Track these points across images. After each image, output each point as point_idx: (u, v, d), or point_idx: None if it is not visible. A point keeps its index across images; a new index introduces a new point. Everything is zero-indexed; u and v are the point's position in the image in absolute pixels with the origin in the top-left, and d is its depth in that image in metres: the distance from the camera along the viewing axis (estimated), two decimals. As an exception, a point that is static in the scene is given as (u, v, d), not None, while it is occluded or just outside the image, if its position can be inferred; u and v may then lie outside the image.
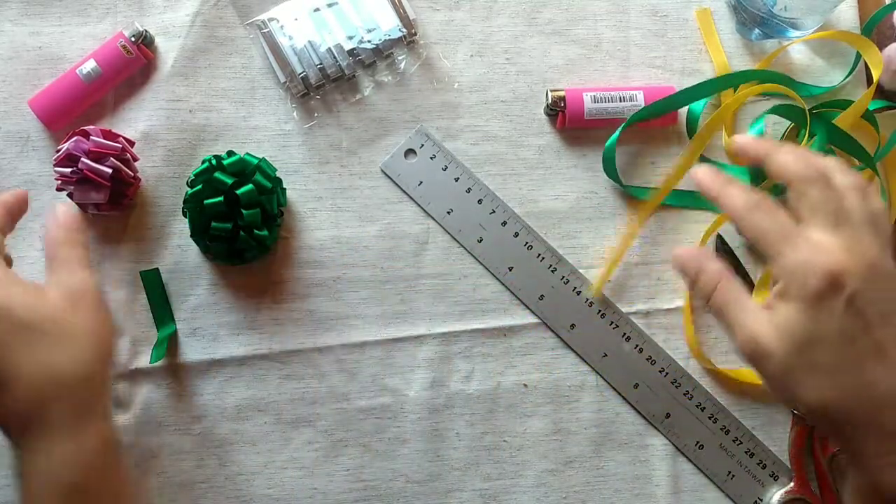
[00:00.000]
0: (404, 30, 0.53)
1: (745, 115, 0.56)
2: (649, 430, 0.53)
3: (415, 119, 0.54)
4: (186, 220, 0.50)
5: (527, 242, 0.53)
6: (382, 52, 0.53)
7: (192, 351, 0.51)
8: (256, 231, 0.48)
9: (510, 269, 0.53)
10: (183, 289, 0.52)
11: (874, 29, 0.55)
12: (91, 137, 0.48)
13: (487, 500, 0.51)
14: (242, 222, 0.48)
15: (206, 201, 0.47)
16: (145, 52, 0.52)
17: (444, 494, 0.51)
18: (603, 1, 0.56)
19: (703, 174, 0.40)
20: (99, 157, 0.47)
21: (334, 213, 0.53)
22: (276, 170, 0.51)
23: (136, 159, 0.51)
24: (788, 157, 0.37)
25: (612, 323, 0.53)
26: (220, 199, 0.47)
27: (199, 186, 0.48)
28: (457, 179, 0.54)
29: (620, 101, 0.53)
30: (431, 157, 0.54)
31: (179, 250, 0.52)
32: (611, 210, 0.54)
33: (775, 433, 0.53)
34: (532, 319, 0.53)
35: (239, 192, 0.47)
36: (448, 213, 0.53)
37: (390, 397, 0.52)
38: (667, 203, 0.54)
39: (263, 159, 0.50)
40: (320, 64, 0.52)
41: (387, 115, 0.54)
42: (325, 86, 0.54)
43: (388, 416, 0.52)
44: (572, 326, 0.53)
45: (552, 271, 0.53)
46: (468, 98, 0.54)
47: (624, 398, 0.53)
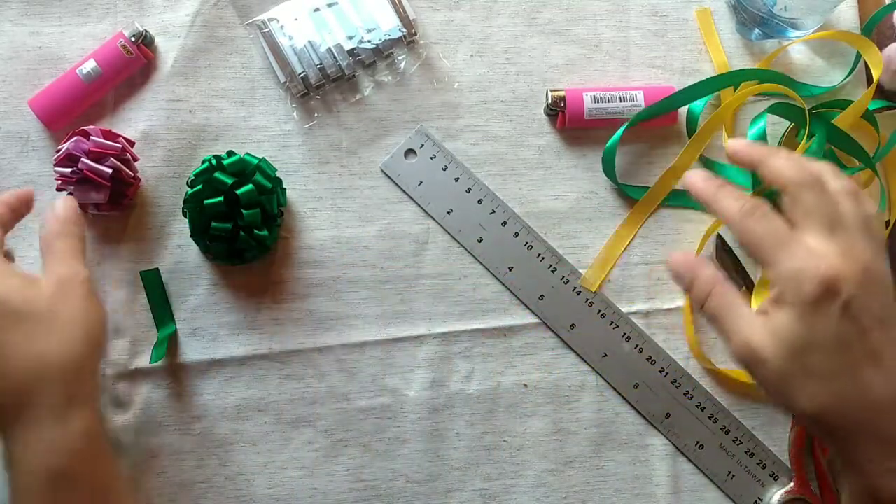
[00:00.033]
0: (404, 30, 0.53)
1: (745, 115, 0.56)
2: (649, 430, 0.53)
3: (415, 119, 0.54)
4: (186, 220, 0.50)
5: (527, 242, 0.53)
6: (382, 52, 0.53)
7: (192, 351, 0.51)
8: (256, 231, 0.48)
9: (510, 269, 0.53)
10: (183, 289, 0.52)
11: (874, 29, 0.55)
12: (91, 137, 0.48)
13: (487, 500, 0.51)
14: (242, 222, 0.48)
15: (206, 201, 0.47)
16: (145, 52, 0.52)
17: (444, 494, 0.51)
18: (603, 1, 0.56)
19: (696, 179, 0.39)
20: (99, 157, 0.47)
21: (334, 213, 0.53)
22: (276, 170, 0.51)
23: (136, 159, 0.51)
24: (782, 162, 0.37)
25: (612, 323, 0.53)
26: (220, 199, 0.47)
27: (199, 186, 0.48)
28: (457, 179, 0.54)
29: (620, 101, 0.53)
30: (431, 157, 0.54)
31: (179, 250, 0.52)
32: (611, 210, 0.54)
33: (775, 433, 0.53)
34: (532, 319, 0.53)
35: (239, 192, 0.47)
36: (448, 213, 0.53)
37: (390, 397, 0.52)
38: (666, 203, 0.54)
39: (263, 159, 0.50)
40: (320, 64, 0.52)
41: (387, 115, 0.54)
42: (325, 86, 0.54)
43: (388, 416, 0.52)
44: (572, 326, 0.53)
45: (552, 271, 0.53)
46: (468, 98, 0.54)
47: (624, 398, 0.53)
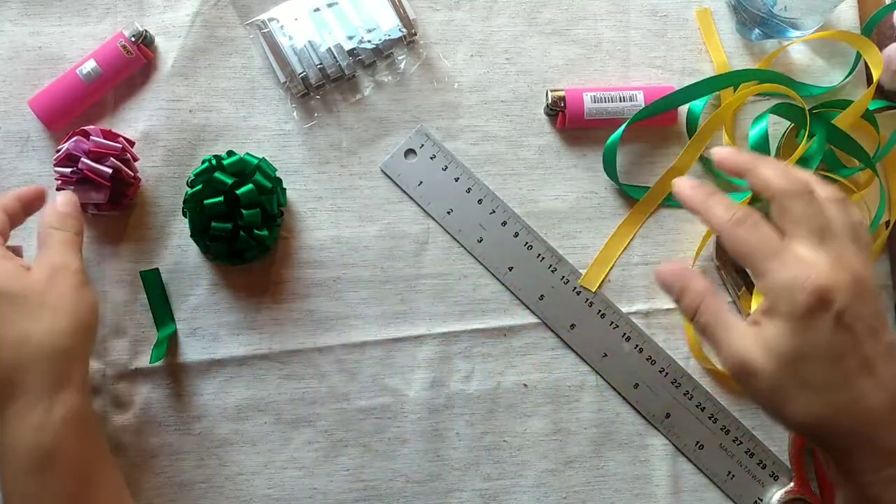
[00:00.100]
0: (404, 30, 0.53)
1: (745, 115, 0.56)
2: (649, 430, 0.53)
3: (415, 119, 0.54)
4: (186, 220, 0.50)
5: (527, 242, 0.53)
6: (382, 52, 0.53)
7: (192, 351, 0.51)
8: (256, 231, 0.48)
9: (510, 269, 0.53)
10: (183, 289, 0.52)
11: (874, 29, 0.55)
12: (91, 137, 0.48)
13: (487, 500, 0.51)
14: (242, 222, 0.48)
15: (206, 201, 0.47)
16: (145, 52, 0.52)
17: (444, 494, 0.51)
18: (603, 1, 0.56)
19: (684, 187, 0.39)
20: (99, 157, 0.47)
21: (334, 213, 0.53)
22: (276, 170, 0.51)
23: (136, 159, 0.51)
24: (770, 172, 0.37)
25: (612, 323, 0.53)
26: (220, 199, 0.47)
27: (199, 186, 0.48)
28: (457, 179, 0.54)
29: (620, 101, 0.53)
30: (431, 157, 0.54)
31: (179, 250, 0.52)
32: (611, 210, 0.54)
33: (775, 433, 0.53)
34: (532, 319, 0.53)
35: (239, 192, 0.47)
36: (448, 213, 0.53)
37: (390, 397, 0.52)
38: (666, 203, 0.54)
39: (263, 159, 0.50)
40: (320, 64, 0.52)
41: (387, 115, 0.54)
42: (325, 86, 0.54)
43: (388, 416, 0.52)
44: (572, 326, 0.53)
45: (552, 271, 0.53)
46: (468, 98, 0.54)
47: (624, 398, 0.53)
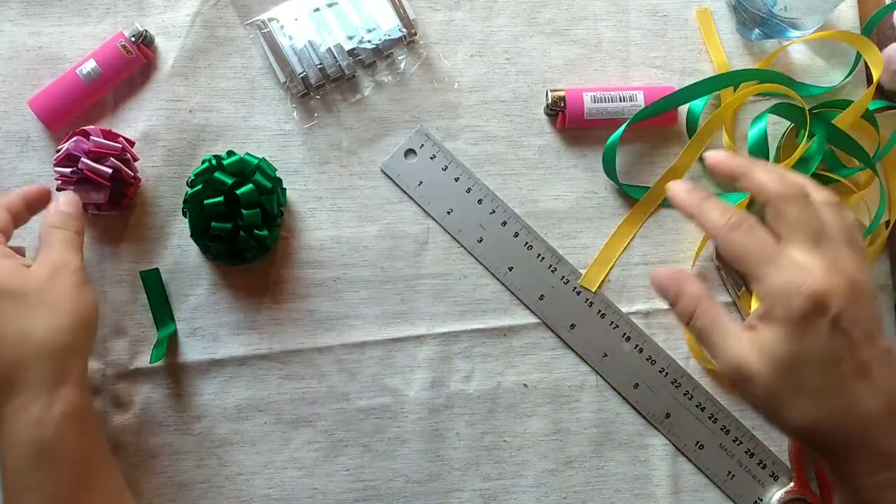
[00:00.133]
0: (404, 30, 0.53)
1: (745, 115, 0.56)
2: (649, 430, 0.53)
3: (415, 119, 0.54)
4: (186, 220, 0.50)
5: (527, 242, 0.53)
6: (382, 52, 0.53)
7: (192, 351, 0.51)
8: (256, 231, 0.48)
9: (510, 269, 0.53)
10: (183, 289, 0.52)
11: (874, 29, 0.55)
12: (91, 137, 0.48)
13: (487, 500, 0.51)
14: (242, 222, 0.48)
15: (206, 201, 0.47)
16: (145, 52, 0.52)
17: (444, 494, 0.51)
18: (603, 1, 0.56)
19: (678, 191, 0.39)
20: (99, 157, 0.47)
21: (334, 213, 0.53)
22: (276, 170, 0.51)
23: (136, 159, 0.51)
24: (764, 175, 0.36)
25: (612, 323, 0.53)
26: (220, 199, 0.47)
27: (199, 186, 0.48)
28: (457, 179, 0.54)
29: (620, 101, 0.53)
30: (431, 157, 0.54)
31: (179, 250, 0.52)
32: (611, 210, 0.54)
33: (775, 433, 0.53)
34: (532, 319, 0.53)
35: (239, 192, 0.47)
36: (448, 213, 0.53)
37: (390, 397, 0.52)
38: (666, 203, 0.54)
39: (263, 159, 0.50)
40: (320, 64, 0.52)
41: (387, 115, 0.54)
42: (325, 86, 0.54)
43: (388, 416, 0.52)
44: (572, 326, 0.53)
45: (552, 271, 0.53)
46: (468, 98, 0.54)
47: (624, 398, 0.53)
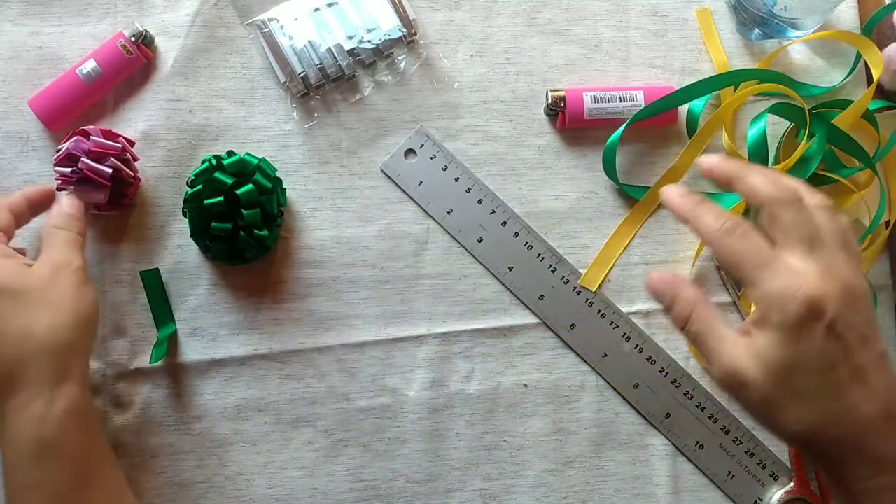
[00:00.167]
0: (404, 30, 0.53)
1: (745, 115, 0.56)
2: (649, 430, 0.53)
3: (415, 119, 0.54)
4: (186, 220, 0.50)
5: (527, 242, 0.53)
6: (382, 52, 0.53)
7: (192, 351, 0.51)
8: (256, 231, 0.48)
9: (510, 269, 0.53)
10: (183, 289, 0.52)
11: (874, 29, 0.55)
12: (91, 137, 0.48)
13: (487, 500, 0.51)
14: (242, 222, 0.48)
15: (206, 201, 0.47)
16: (145, 52, 0.52)
17: (444, 494, 0.51)
18: (603, 1, 0.56)
19: (672, 195, 0.38)
20: (99, 156, 0.47)
21: (334, 213, 0.53)
22: (276, 170, 0.51)
23: (136, 159, 0.51)
24: (758, 179, 0.36)
25: (612, 323, 0.53)
26: (220, 199, 0.47)
27: (199, 186, 0.48)
28: (457, 179, 0.54)
29: (620, 101, 0.53)
30: (431, 157, 0.54)
31: (179, 250, 0.52)
32: (611, 210, 0.54)
33: (775, 433, 0.53)
34: (532, 319, 0.53)
35: (239, 192, 0.47)
36: (448, 213, 0.53)
37: (390, 397, 0.52)
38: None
39: (263, 159, 0.50)
40: (320, 64, 0.52)
41: (387, 115, 0.54)
42: (325, 86, 0.54)
43: (388, 416, 0.52)
44: (572, 326, 0.53)
45: (552, 271, 0.53)
46: (468, 98, 0.54)
47: (624, 398, 0.53)
